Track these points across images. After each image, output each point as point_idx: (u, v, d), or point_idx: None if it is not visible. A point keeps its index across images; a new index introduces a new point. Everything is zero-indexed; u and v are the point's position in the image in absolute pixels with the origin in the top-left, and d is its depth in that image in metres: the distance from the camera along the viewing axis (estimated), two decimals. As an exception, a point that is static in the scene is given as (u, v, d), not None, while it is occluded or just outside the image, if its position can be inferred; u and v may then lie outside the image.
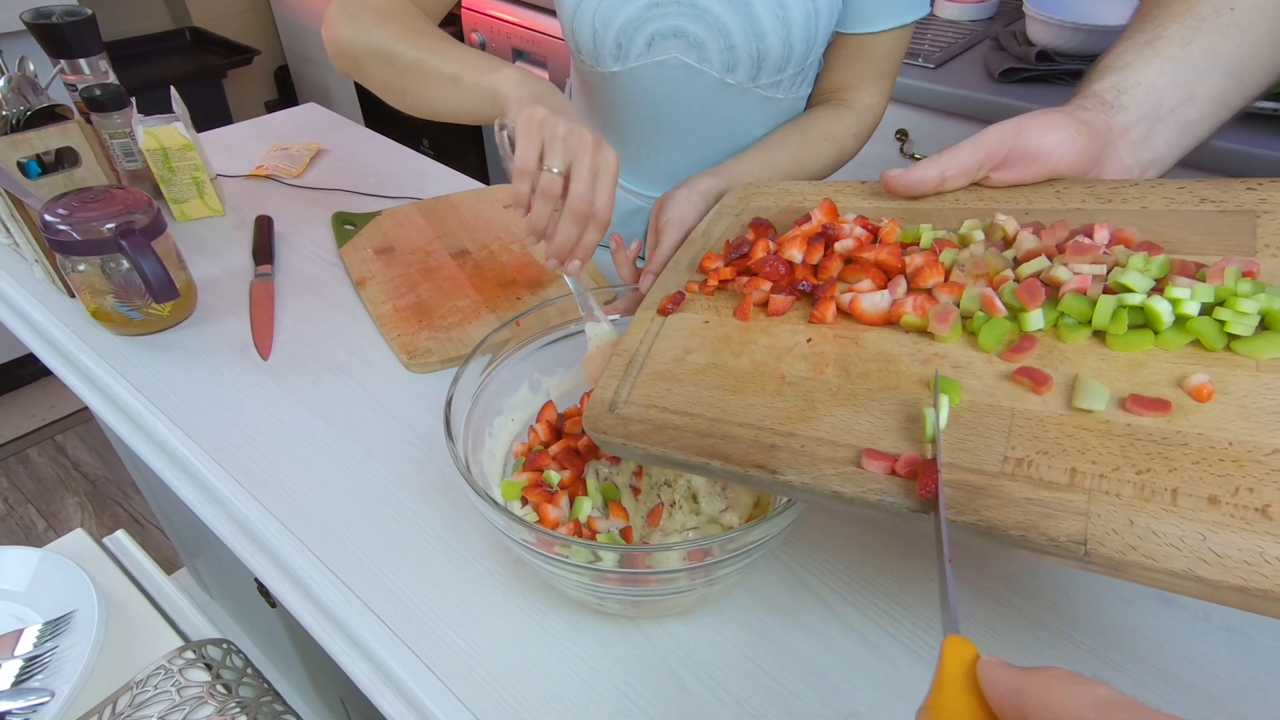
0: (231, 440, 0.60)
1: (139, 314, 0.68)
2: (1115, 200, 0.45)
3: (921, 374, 0.39)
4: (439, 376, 0.66)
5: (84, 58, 0.84)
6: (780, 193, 0.58)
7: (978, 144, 0.47)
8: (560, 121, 0.50)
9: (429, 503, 0.55)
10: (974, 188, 0.50)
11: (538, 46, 1.66)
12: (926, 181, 0.49)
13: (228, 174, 0.97)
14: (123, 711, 0.55)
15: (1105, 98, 0.48)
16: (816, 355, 0.42)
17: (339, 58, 0.66)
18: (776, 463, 0.37)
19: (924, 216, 0.49)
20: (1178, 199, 0.43)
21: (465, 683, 0.44)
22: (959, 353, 0.39)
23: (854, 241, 0.46)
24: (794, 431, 0.38)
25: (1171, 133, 0.48)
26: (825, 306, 0.43)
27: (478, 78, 0.57)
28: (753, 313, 0.46)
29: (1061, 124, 0.47)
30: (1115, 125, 0.48)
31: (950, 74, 1.23)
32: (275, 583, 0.52)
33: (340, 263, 0.80)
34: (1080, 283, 0.38)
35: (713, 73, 0.70)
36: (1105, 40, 1.18)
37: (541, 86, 0.56)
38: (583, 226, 0.52)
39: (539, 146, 0.50)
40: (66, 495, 1.79)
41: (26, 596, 0.63)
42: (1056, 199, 0.47)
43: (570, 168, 0.51)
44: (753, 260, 0.49)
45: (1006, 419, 0.35)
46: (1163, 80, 0.47)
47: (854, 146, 0.73)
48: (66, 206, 0.64)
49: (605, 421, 0.42)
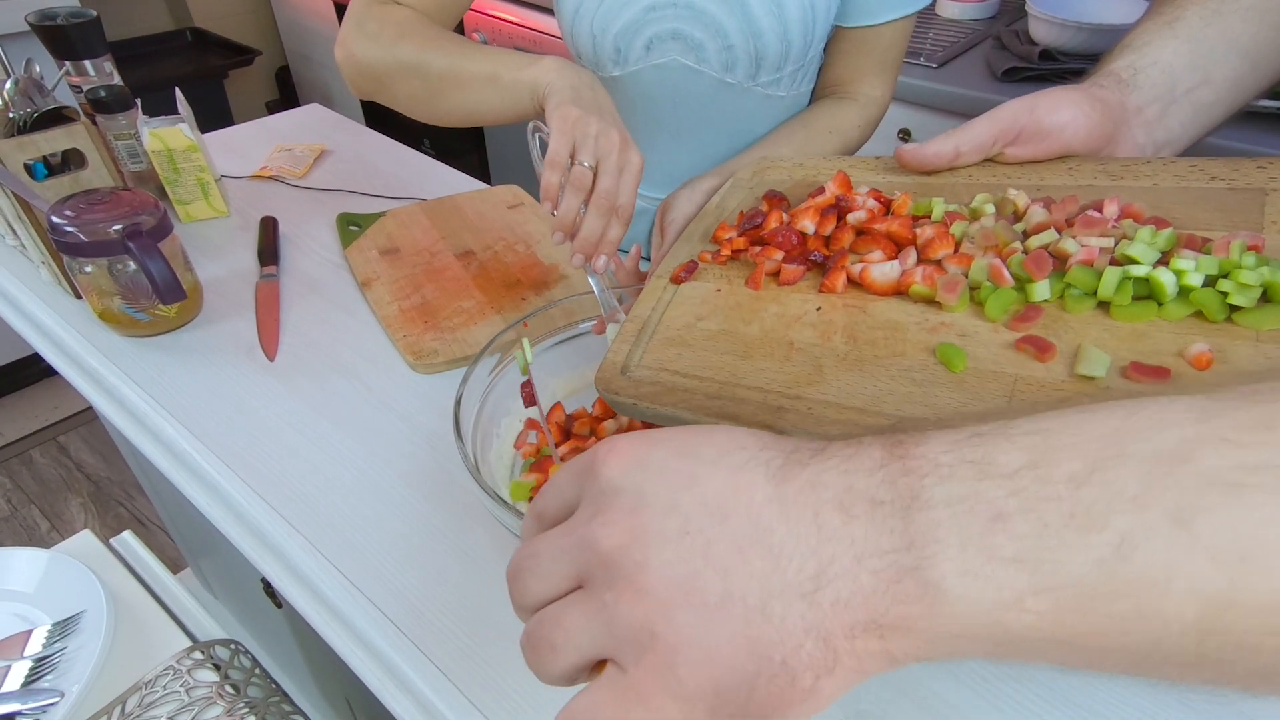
0: (238, 441, 0.60)
1: (146, 315, 0.68)
2: (1127, 177, 0.45)
3: (928, 342, 0.40)
4: (445, 377, 0.66)
5: (89, 59, 0.84)
6: (794, 167, 0.59)
7: (992, 120, 0.48)
8: (593, 121, 0.52)
9: (436, 502, 0.55)
10: (987, 164, 0.50)
11: (539, 46, 1.66)
12: (942, 156, 0.49)
13: (232, 175, 0.97)
14: (132, 712, 0.56)
15: (1121, 76, 0.48)
16: (825, 323, 0.43)
17: (360, 79, 0.66)
18: (783, 424, 0.38)
19: (936, 191, 0.50)
20: (1189, 176, 0.43)
21: (474, 681, 0.44)
22: (965, 322, 0.40)
23: (866, 213, 0.47)
24: (801, 395, 0.39)
25: (1186, 114, 0.48)
26: (836, 276, 0.44)
27: (517, 73, 0.58)
28: (764, 282, 0.47)
29: (1075, 101, 0.47)
30: (1130, 104, 0.48)
31: (953, 73, 1.23)
32: (283, 583, 0.52)
33: (345, 264, 0.80)
34: (1087, 254, 0.39)
35: (712, 73, 0.70)
36: (1108, 39, 1.19)
37: (582, 75, 0.57)
38: (607, 220, 0.54)
39: (571, 142, 0.52)
40: (70, 496, 1.79)
41: (35, 597, 0.63)
42: (1069, 175, 0.47)
43: (598, 164, 0.53)
44: (765, 231, 0.49)
45: (1009, 385, 0.36)
46: (1179, 61, 0.48)
47: (859, 139, 0.74)
48: (73, 208, 0.64)
49: (617, 383, 0.43)
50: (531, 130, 0.58)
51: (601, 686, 0.22)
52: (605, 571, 0.22)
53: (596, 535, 0.22)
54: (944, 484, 0.20)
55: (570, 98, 0.54)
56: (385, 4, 0.65)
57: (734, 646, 0.20)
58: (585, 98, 0.55)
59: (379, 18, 0.64)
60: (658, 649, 0.21)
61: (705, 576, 0.21)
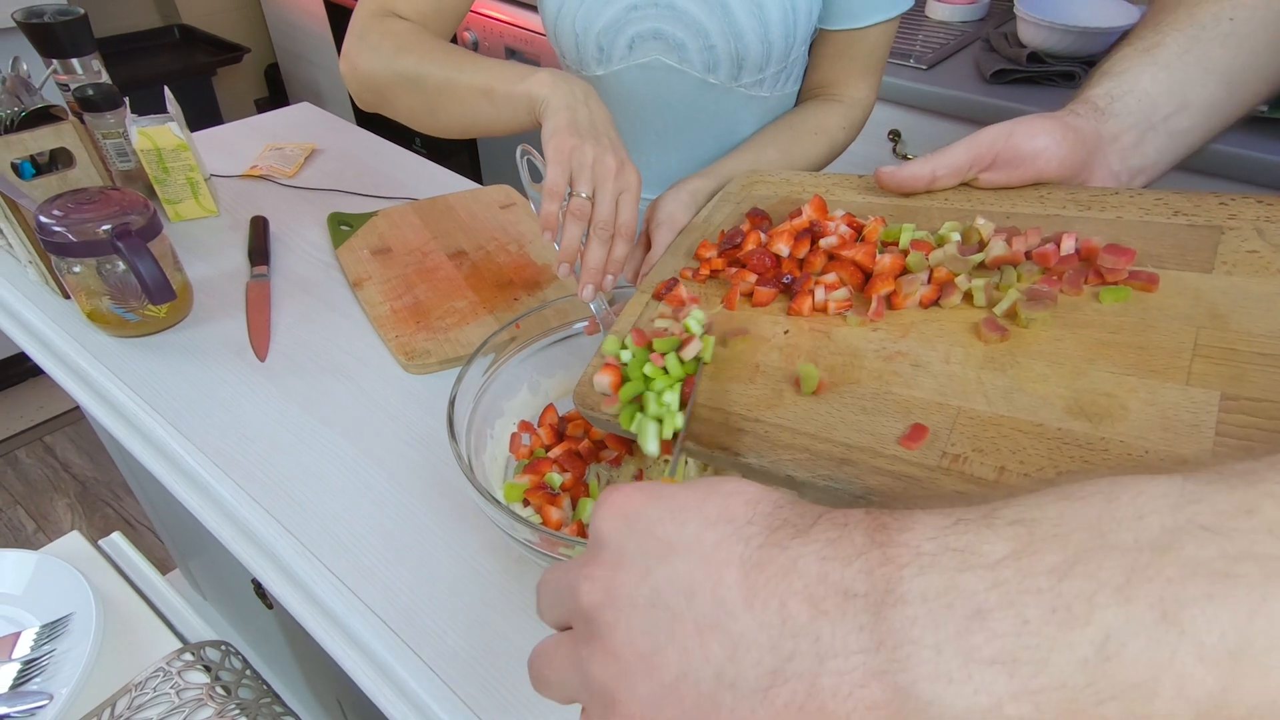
0: (229, 442, 0.60)
1: (135, 316, 0.68)
2: (1094, 208, 0.46)
3: (882, 370, 0.41)
4: (437, 378, 0.66)
5: (76, 57, 0.83)
6: (781, 182, 0.59)
7: (969, 145, 0.48)
8: (589, 148, 0.53)
9: (427, 503, 0.55)
10: (963, 188, 0.51)
11: (530, 45, 1.66)
12: (918, 179, 0.50)
13: (222, 174, 0.97)
14: (121, 714, 0.55)
15: (1098, 104, 0.49)
16: (791, 346, 0.44)
17: (364, 92, 0.66)
18: (740, 446, 0.40)
19: (913, 214, 0.51)
20: (1153, 210, 0.44)
21: (465, 680, 0.44)
22: (919, 351, 0.41)
23: (837, 239, 0.48)
24: (759, 418, 0.41)
25: (1162, 141, 0.49)
26: (802, 300, 0.46)
27: (511, 87, 0.58)
28: (738, 302, 0.48)
29: (1050, 129, 0.47)
30: (1105, 132, 0.48)
31: (942, 75, 1.24)
32: (275, 584, 0.52)
33: (336, 263, 0.80)
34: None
35: (694, 73, 0.71)
36: (1095, 42, 1.20)
37: (576, 88, 0.57)
38: (609, 244, 0.54)
39: (568, 172, 0.53)
40: (56, 497, 1.78)
41: (23, 600, 0.63)
42: (1039, 203, 0.48)
43: (595, 192, 0.54)
44: (743, 252, 0.50)
45: (952, 417, 0.37)
46: (1156, 88, 0.48)
47: (845, 140, 0.74)
48: (62, 208, 0.64)
49: (593, 399, 0.45)
50: (520, 154, 0.58)
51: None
52: (584, 625, 0.23)
53: (580, 587, 0.23)
54: (923, 575, 0.19)
55: (567, 120, 0.54)
56: (386, 17, 0.65)
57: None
58: (581, 115, 0.55)
59: (380, 31, 0.64)
60: (617, 713, 0.21)
61: (666, 652, 0.21)
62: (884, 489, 0.35)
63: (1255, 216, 0.40)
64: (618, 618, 0.22)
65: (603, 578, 0.23)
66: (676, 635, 0.21)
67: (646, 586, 0.22)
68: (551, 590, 0.25)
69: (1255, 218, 0.40)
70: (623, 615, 0.22)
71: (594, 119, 0.55)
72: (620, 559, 0.23)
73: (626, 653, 0.21)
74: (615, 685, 0.21)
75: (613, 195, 0.54)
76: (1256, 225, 0.40)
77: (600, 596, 0.22)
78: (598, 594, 0.22)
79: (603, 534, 0.23)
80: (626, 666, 0.21)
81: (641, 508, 0.23)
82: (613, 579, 0.22)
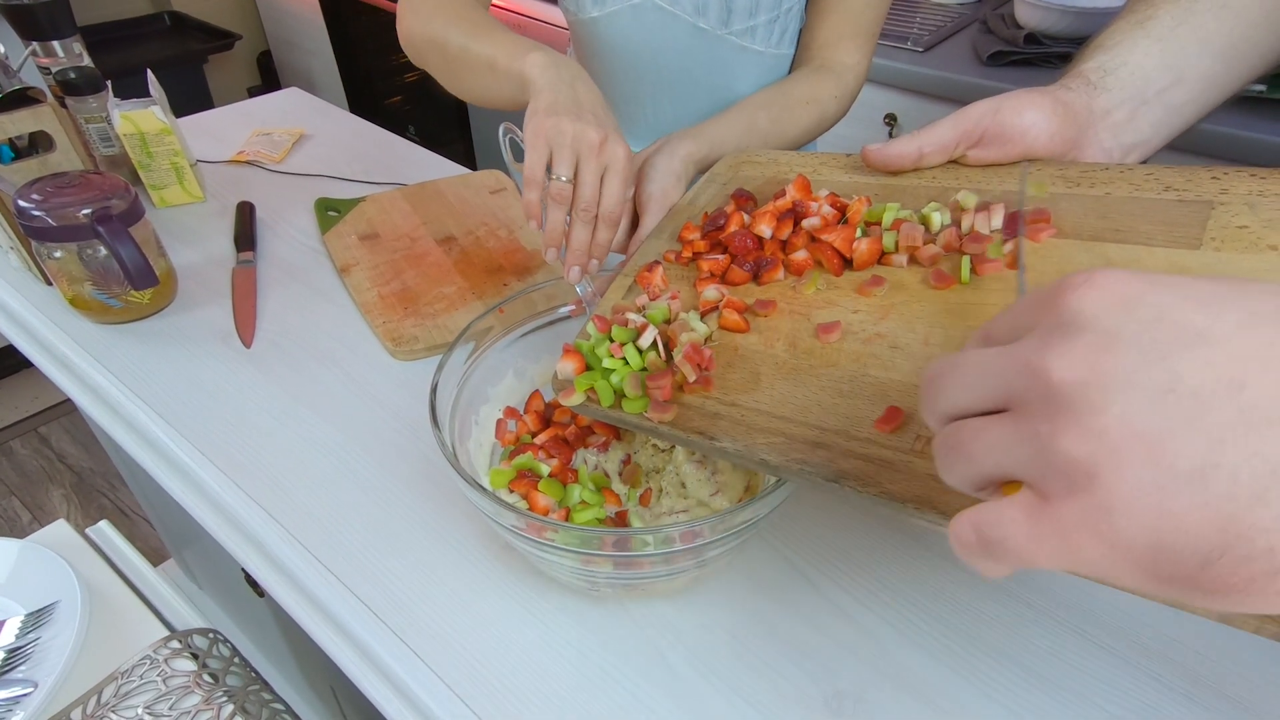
0: (215, 429, 0.59)
1: (118, 302, 0.67)
2: (1083, 184, 0.45)
3: (860, 353, 0.40)
4: (425, 364, 0.65)
5: (57, 40, 0.82)
6: (768, 162, 0.59)
7: (956, 121, 0.47)
8: (566, 124, 0.51)
9: (416, 490, 0.54)
10: (951, 166, 0.50)
11: (528, 32, 1.64)
12: (905, 156, 0.49)
13: (208, 160, 0.96)
14: (108, 701, 0.55)
15: (1090, 78, 0.47)
16: (771, 329, 0.44)
17: (410, 49, 0.69)
18: (716, 430, 0.39)
19: (899, 193, 0.50)
20: (1144, 186, 0.43)
21: (453, 668, 0.44)
22: (899, 333, 0.41)
23: (820, 220, 0.47)
24: (736, 401, 0.40)
25: (1157, 115, 0.47)
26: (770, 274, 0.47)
27: (510, 62, 0.57)
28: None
29: (1038, 104, 0.46)
30: (1096, 107, 0.47)
31: (939, 57, 1.22)
32: (262, 572, 0.51)
33: (324, 249, 0.79)
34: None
35: (685, 17, 0.71)
36: (1093, 23, 1.19)
37: (564, 71, 0.55)
38: (593, 228, 0.53)
39: (545, 154, 0.51)
40: (51, 487, 1.77)
41: (7, 588, 0.62)
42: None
43: (577, 170, 0.52)
44: (725, 234, 0.50)
45: None
46: (1150, 61, 0.47)
47: (836, 110, 0.73)
48: (41, 192, 0.63)
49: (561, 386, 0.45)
50: (503, 132, 0.57)
51: (1015, 506, 0.22)
52: (1046, 403, 0.21)
53: (1049, 364, 0.21)
54: None
55: (547, 101, 0.53)
56: None
57: (1200, 516, 0.19)
58: (564, 96, 0.53)
59: None
60: (1094, 491, 0.20)
61: (1184, 440, 0.19)
62: (857, 472, 0.35)
63: (1248, 191, 0.39)
64: (1110, 398, 0.20)
65: (1084, 356, 0.20)
66: (1208, 426, 0.19)
67: (1160, 371, 0.20)
68: (970, 373, 0.23)
69: (1248, 192, 0.39)
70: (1119, 396, 0.20)
71: (579, 98, 0.54)
72: (1112, 342, 0.20)
73: (1120, 432, 0.20)
74: (1098, 463, 0.20)
75: (595, 173, 0.52)
76: (1248, 200, 0.39)
77: (1082, 374, 0.20)
78: (1078, 371, 0.20)
79: (1083, 314, 0.21)
80: (1117, 446, 0.20)
81: (1145, 291, 0.21)
82: (1100, 358, 0.20)
